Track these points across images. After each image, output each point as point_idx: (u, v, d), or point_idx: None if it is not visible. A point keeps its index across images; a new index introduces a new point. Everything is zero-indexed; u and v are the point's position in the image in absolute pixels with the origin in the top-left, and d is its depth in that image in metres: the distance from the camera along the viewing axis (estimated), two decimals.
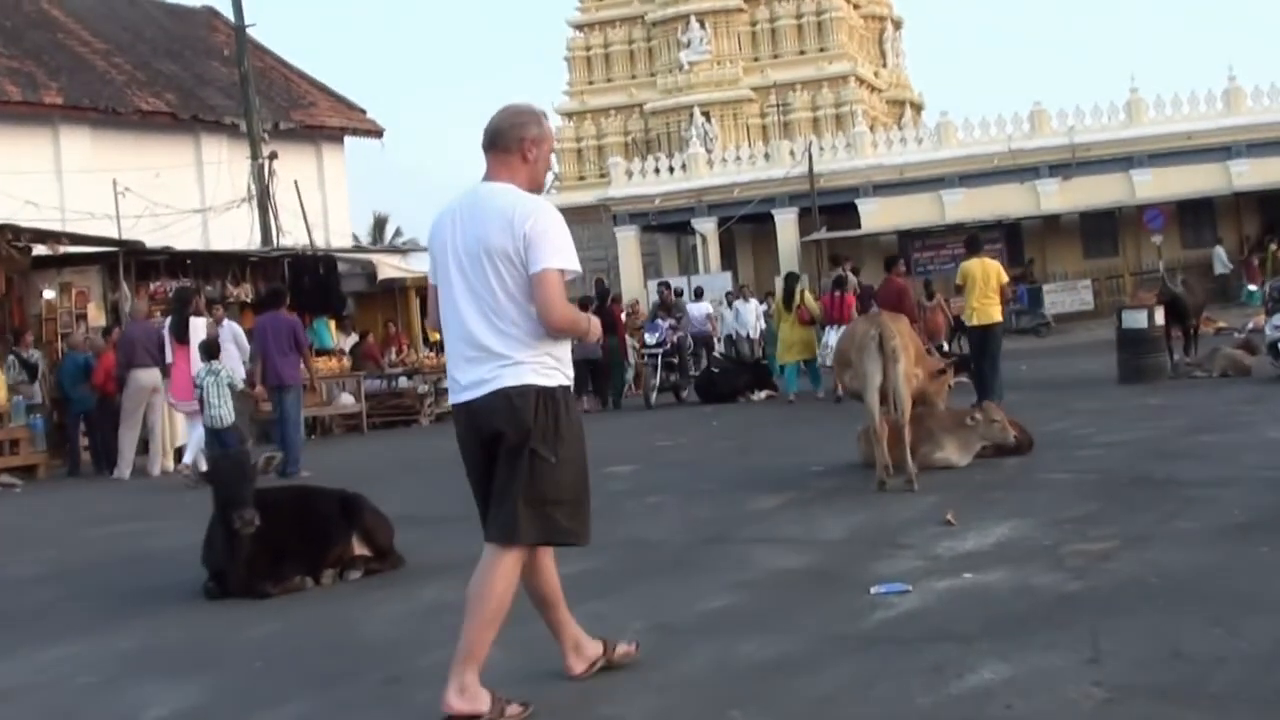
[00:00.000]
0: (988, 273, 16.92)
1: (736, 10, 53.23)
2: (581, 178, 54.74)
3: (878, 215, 45.28)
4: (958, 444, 10.98)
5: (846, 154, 46.14)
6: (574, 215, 54.31)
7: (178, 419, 16.48)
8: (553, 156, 5.42)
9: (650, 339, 23.15)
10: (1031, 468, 10.68)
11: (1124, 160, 42.46)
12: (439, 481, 13.66)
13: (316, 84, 35.12)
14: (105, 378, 16.94)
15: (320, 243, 31.60)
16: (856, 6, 55.71)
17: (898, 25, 58.89)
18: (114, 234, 26.15)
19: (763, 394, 21.74)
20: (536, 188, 5.06)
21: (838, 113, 50.90)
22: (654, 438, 16.47)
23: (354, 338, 25.01)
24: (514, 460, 4.83)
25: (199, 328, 16.35)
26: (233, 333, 16.44)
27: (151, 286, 22.08)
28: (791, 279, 22.82)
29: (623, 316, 28.39)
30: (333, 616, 7.03)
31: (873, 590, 6.60)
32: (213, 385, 14.39)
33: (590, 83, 55.74)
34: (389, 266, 25.12)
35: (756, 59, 53.61)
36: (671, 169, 48.60)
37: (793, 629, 6.03)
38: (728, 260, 48.59)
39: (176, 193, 29.53)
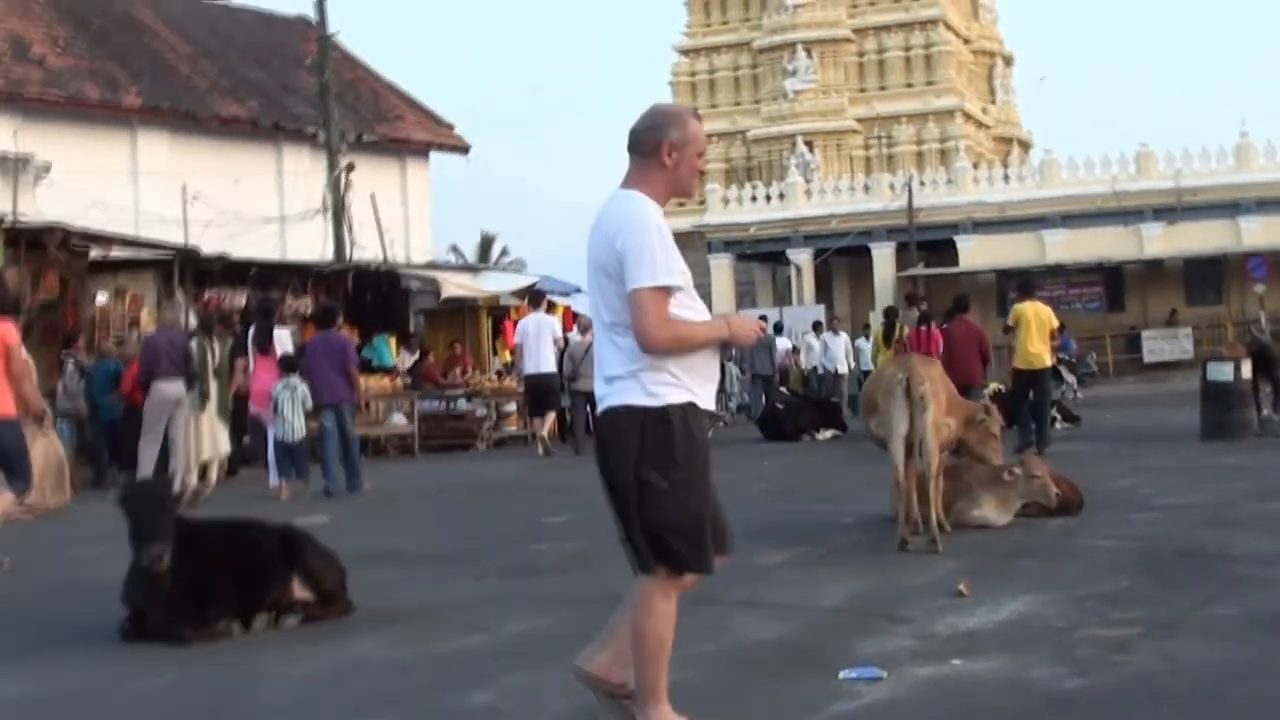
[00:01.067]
0: (1040, 316, 16.63)
1: (844, 40, 52.41)
2: (681, 204, 53.93)
3: (976, 253, 44.17)
4: (996, 501, 10.09)
5: (947, 189, 45.12)
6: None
7: (203, 434, 15.96)
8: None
9: None
10: (1074, 531, 9.76)
11: (1231, 206, 41.09)
12: (452, 513, 13.10)
13: (405, 97, 34.72)
14: (132, 386, 16.47)
15: (400, 258, 31.24)
16: (967, 41, 54.64)
17: (1008, 62, 57.69)
18: (181, 240, 25.94)
19: (828, 433, 20.85)
20: (682, 193, 4.89)
21: (942, 147, 49.85)
22: None
23: (415, 356, 24.45)
24: (625, 485, 4.61)
25: (283, 339, 16.67)
26: (279, 340, 16.69)
27: (206, 294, 21.69)
28: (892, 313, 22.36)
29: None
30: (238, 670, 6.31)
31: (841, 675, 5.78)
32: (288, 400, 15.02)
33: (694, 108, 54.97)
34: (454, 285, 24.51)
35: (862, 90, 52.73)
36: (769, 198, 47.86)
37: (733, 717, 5.24)
38: (823, 293, 47.67)
39: (255, 201, 29.19)
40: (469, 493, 15.19)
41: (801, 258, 47.12)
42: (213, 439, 16.12)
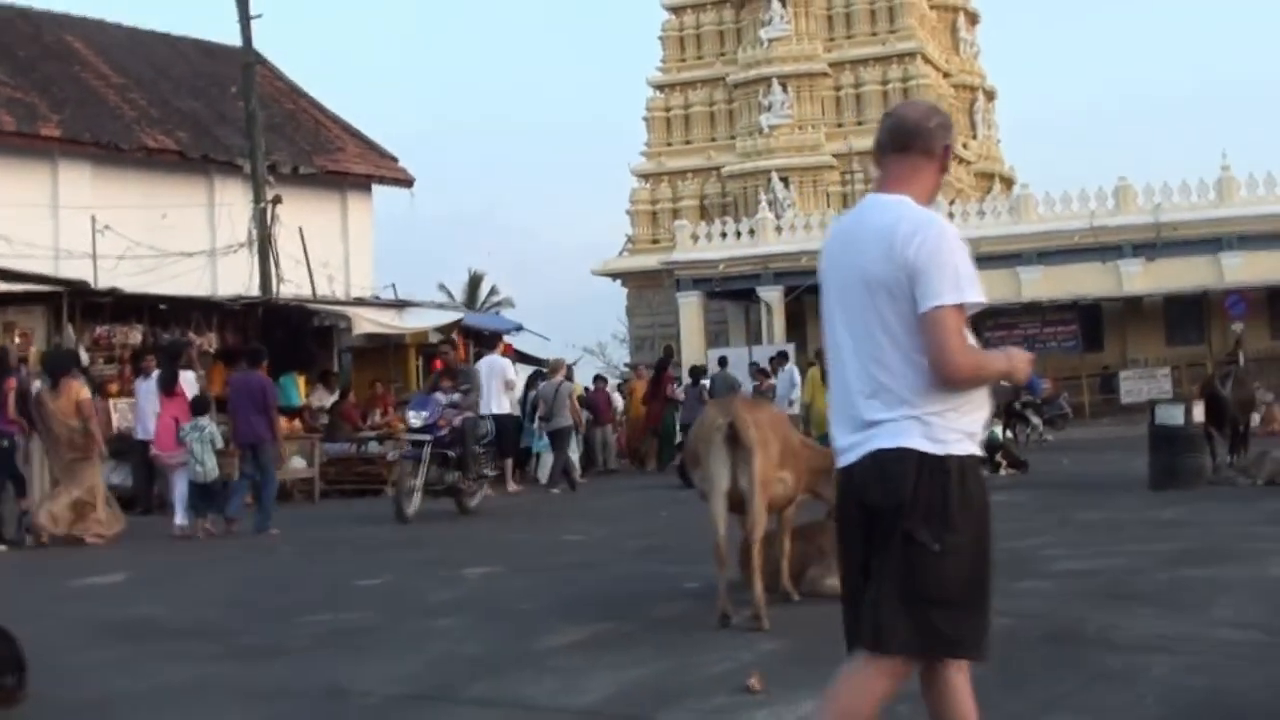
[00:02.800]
0: None
1: (820, 74, 51.15)
2: (655, 240, 52.67)
3: None
4: None
5: None
6: (642, 280, 52.83)
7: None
8: (627, 218, 3.65)
9: (414, 420, 16.54)
10: None
11: (1213, 242, 39.58)
12: (264, 571, 11.60)
13: (349, 129, 33.46)
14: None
15: (340, 293, 30.01)
16: (946, 75, 53.39)
17: (990, 96, 56.40)
18: (90, 275, 24.69)
19: None
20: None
21: None
22: (571, 528, 14.30)
23: (335, 396, 23.11)
24: (887, 544, 3.84)
25: (189, 381, 16.25)
26: (186, 382, 16.29)
27: (97, 330, 20.39)
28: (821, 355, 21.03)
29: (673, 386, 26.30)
30: None
31: None
32: (197, 441, 15.03)
33: (669, 144, 53.84)
34: (368, 321, 23.16)
35: (839, 125, 51.39)
36: (739, 234, 46.52)
37: None
38: (796, 331, 46.18)
39: (186, 235, 27.98)
40: (309, 546, 13.77)
41: (771, 295, 45.71)
42: None
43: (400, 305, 25.24)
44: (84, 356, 19.92)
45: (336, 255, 31.61)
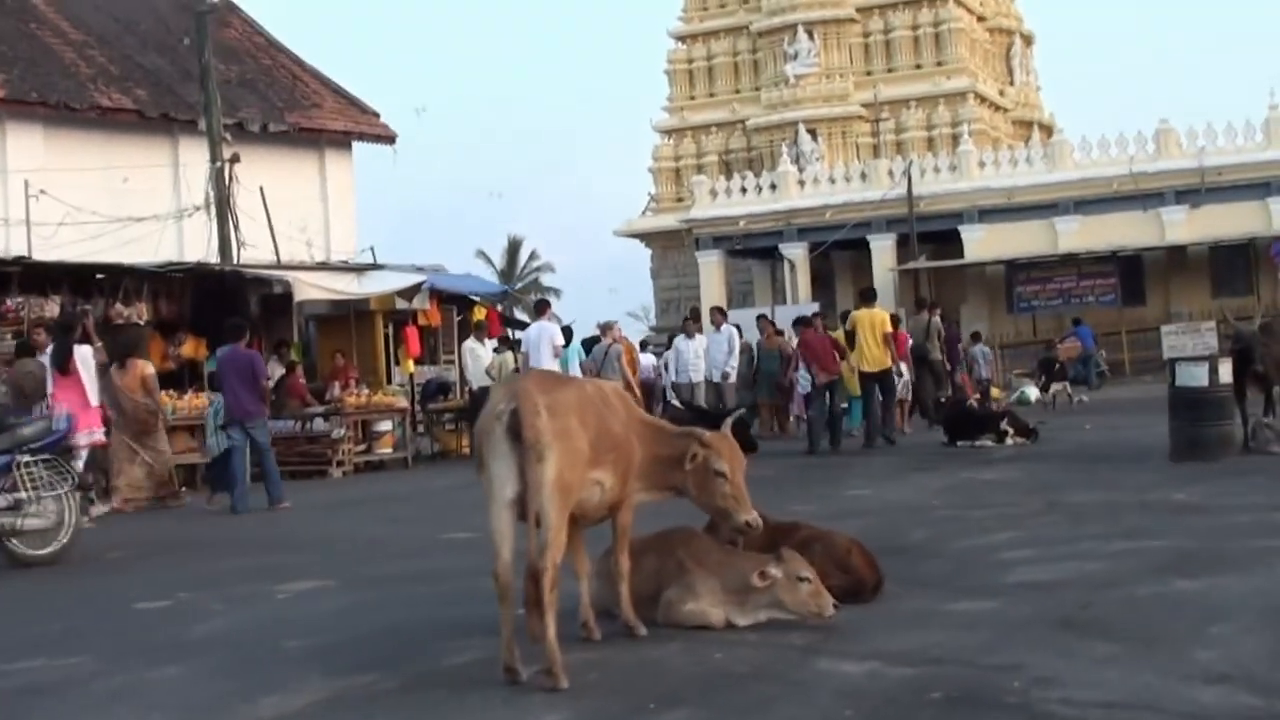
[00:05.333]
0: (875, 321, 18.54)
1: (848, 20, 48.74)
2: (680, 199, 50.42)
3: (983, 243, 40.51)
4: (724, 591, 6.64)
5: (950, 175, 41.47)
6: (666, 240, 50.68)
7: None
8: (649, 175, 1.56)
9: None
10: (825, 642, 6.28)
11: (1261, 186, 37.05)
12: (44, 594, 9.61)
13: (330, 85, 31.42)
14: None
15: (320, 256, 28.14)
16: (981, 19, 50.80)
17: (1028, 41, 53.71)
18: (16, 244, 22.90)
19: None
20: None
21: (954, 132, 45.95)
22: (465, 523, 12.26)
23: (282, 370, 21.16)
24: None
25: (85, 357, 14.66)
26: (81, 359, 14.77)
27: (8, 303, 18.52)
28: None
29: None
30: None
31: None
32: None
33: (691, 97, 51.62)
34: (311, 287, 21.15)
35: (868, 73, 48.98)
36: (760, 189, 44.29)
37: None
38: (822, 289, 43.98)
39: (146, 199, 26.09)
40: (147, 549, 11.79)
41: (795, 252, 43.52)
42: None
43: (357, 269, 23.21)
44: None
45: (317, 216, 29.74)
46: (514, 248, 73.51)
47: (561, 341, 19.90)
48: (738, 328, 22.95)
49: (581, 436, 5.91)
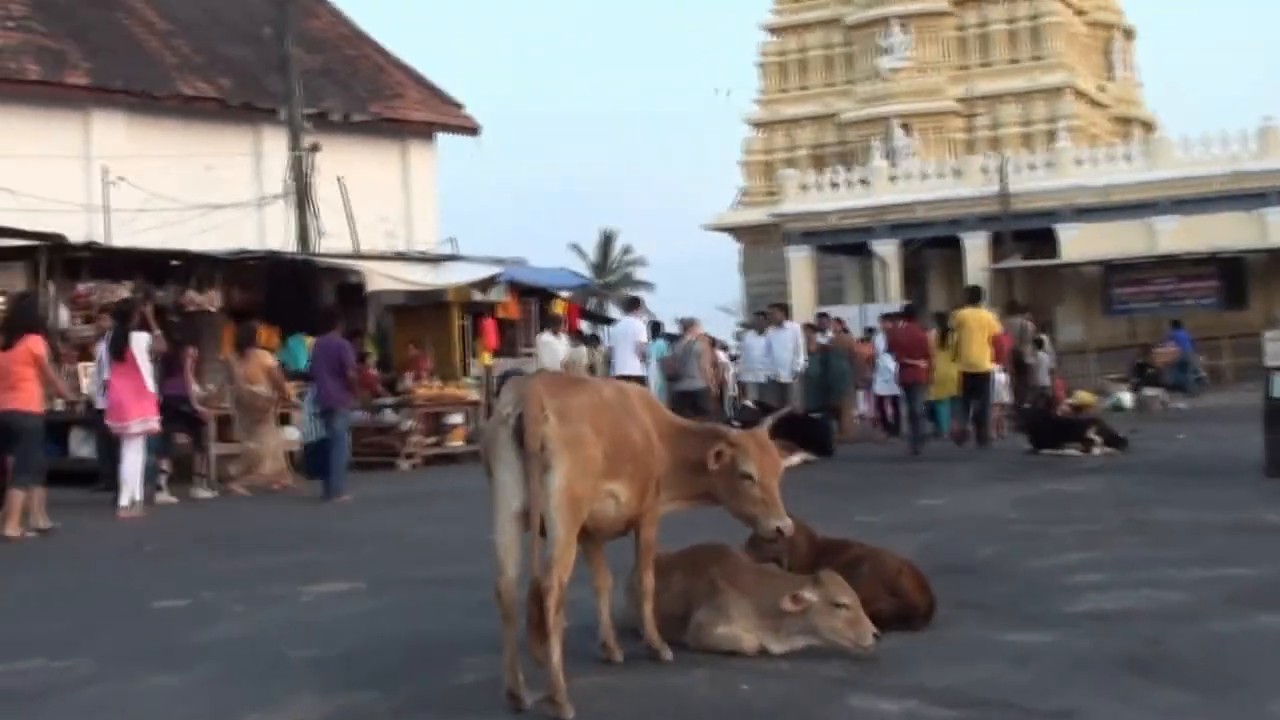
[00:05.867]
0: (981, 322, 18.03)
1: (943, 13, 47.78)
2: (770, 193, 49.72)
3: (1078, 243, 39.51)
4: (758, 615, 6.15)
5: (1045, 172, 40.48)
6: (755, 235, 50.03)
7: None
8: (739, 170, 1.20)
9: None
10: (865, 675, 5.78)
11: None
12: (71, 582, 9.24)
13: (414, 75, 31.18)
14: None
15: (401, 247, 27.88)
16: (1080, 13, 49.62)
17: (1129, 35, 52.40)
18: (98, 229, 22.85)
19: (796, 459, 16.63)
20: None
21: (1050, 129, 44.88)
22: None
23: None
24: None
25: (140, 343, 14.45)
26: (138, 346, 14.47)
27: (77, 288, 18.40)
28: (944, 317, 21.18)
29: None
30: None
31: None
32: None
33: (783, 90, 50.90)
34: (383, 277, 20.82)
35: (963, 67, 47.96)
36: (851, 184, 43.54)
37: None
38: (914, 287, 43.16)
39: (229, 187, 26.02)
40: (189, 542, 11.45)
41: (886, 249, 42.75)
42: None
43: (433, 260, 22.91)
44: (64, 316, 18.09)
45: (398, 207, 29.51)
46: (607, 241, 73.21)
47: (645, 339, 19.66)
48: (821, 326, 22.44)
49: (594, 444, 5.45)
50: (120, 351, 14.42)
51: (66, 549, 11.49)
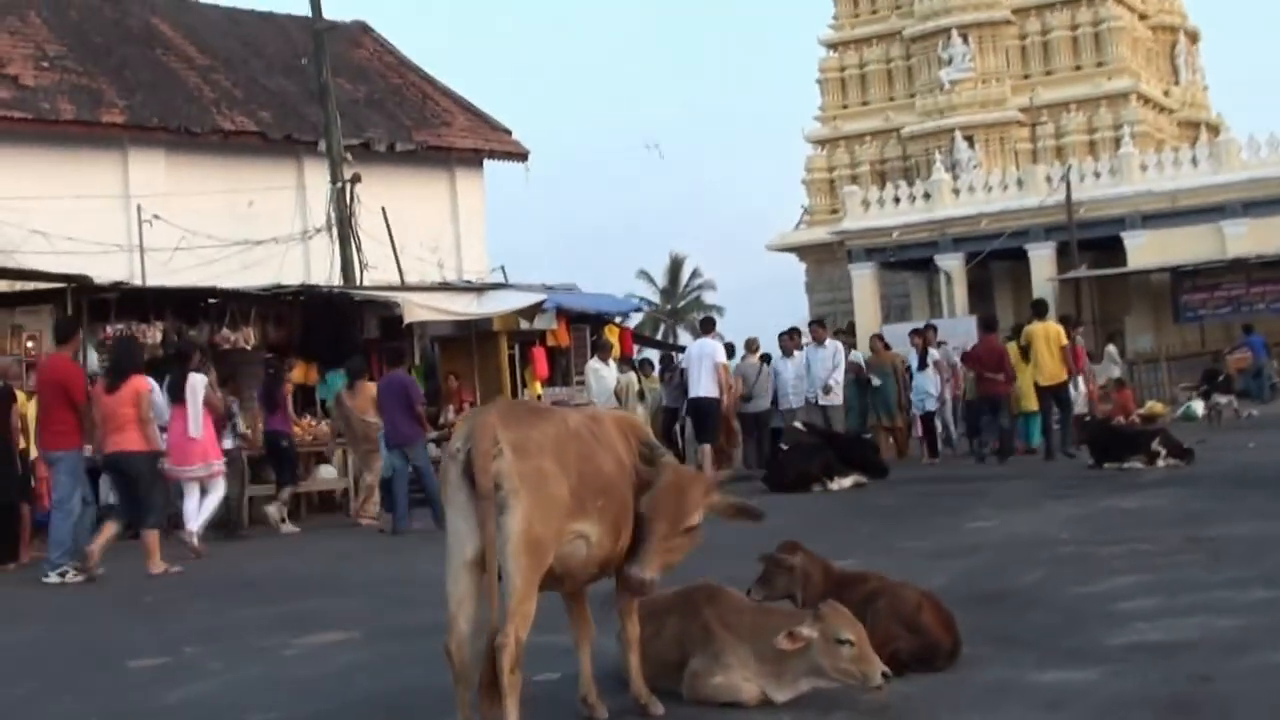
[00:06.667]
0: (1050, 335, 18.16)
1: (1003, 23, 47.00)
2: (833, 211, 49.05)
3: (1146, 250, 38.49)
4: (759, 664, 5.55)
5: (1110, 179, 39.55)
6: (820, 253, 49.33)
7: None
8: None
9: None
10: None
11: None
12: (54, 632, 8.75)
13: (461, 102, 30.83)
14: None
15: (451, 277, 27.52)
16: (1143, 17, 48.66)
17: (1193, 38, 51.37)
18: (138, 269, 22.61)
19: (847, 480, 16.05)
20: None
21: (1116, 135, 43.93)
22: None
23: None
24: None
25: (196, 385, 14.44)
26: (191, 388, 14.45)
27: (105, 330, 18.09)
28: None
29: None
30: None
31: None
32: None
33: (844, 106, 50.26)
34: (421, 308, 20.34)
35: (1026, 76, 47.16)
36: (913, 198, 42.80)
37: None
38: (981, 301, 42.29)
39: (272, 222, 25.69)
40: (198, 590, 10.93)
41: (951, 263, 41.92)
42: None
43: (478, 289, 22.47)
44: (93, 359, 17.76)
45: (448, 236, 29.14)
46: (676, 266, 72.77)
47: (723, 359, 19.39)
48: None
49: (558, 481, 4.89)
50: (179, 395, 14.31)
51: (65, 600, 11.09)
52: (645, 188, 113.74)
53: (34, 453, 14.45)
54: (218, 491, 14.45)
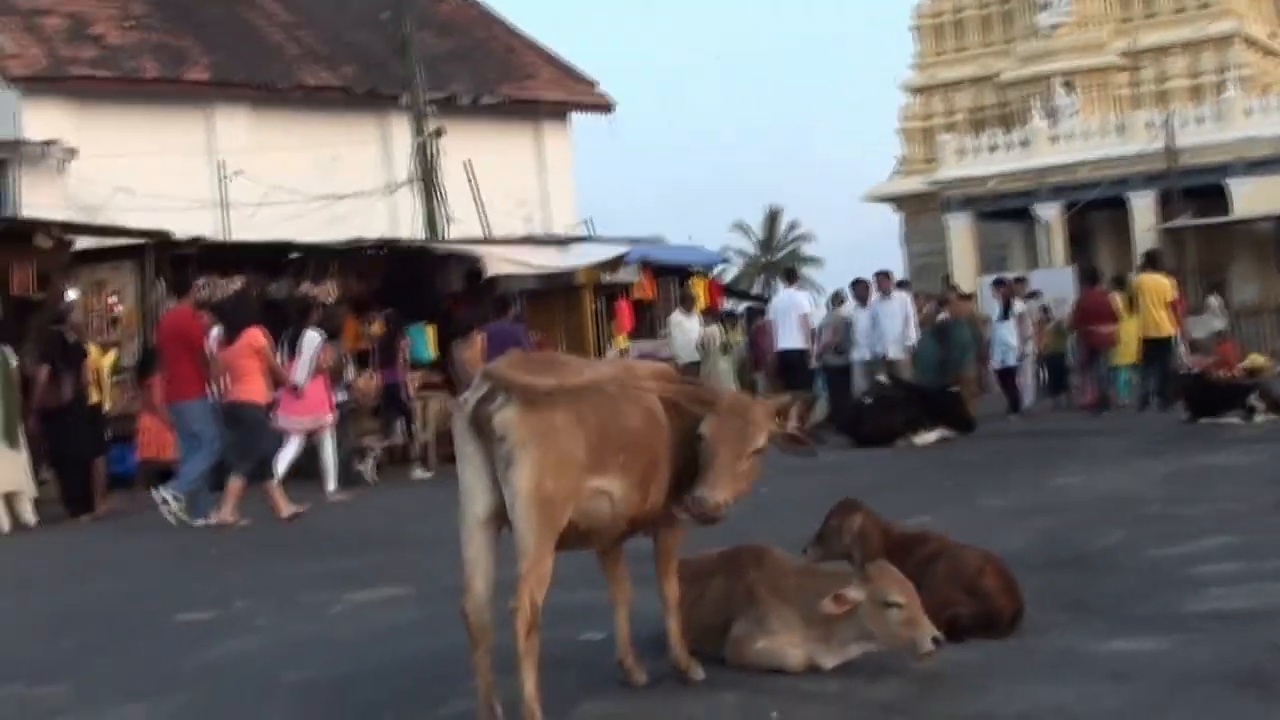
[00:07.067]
0: (1159, 287, 17.83)
1: None
2: (929, 160, 48.24)
3: (1252, 198, 37.47)
4: (806, 628, 5.29)
5: (1213, 125, 38.49)
6: (916, 204, 48.62)
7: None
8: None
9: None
10: (927, 698, 4.89)
11: None
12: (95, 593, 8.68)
13: (546, 55, 30.55)
14: None
15: (538, 231, 27.29)
16: None
17: None
18: (219, 225, 22.64)
19: (932, 435, 15.65)
20: None
21: (1220, 80, 42.76)
22: None
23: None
24: None
25: (312, 342, 14.84)
26: (308, 342, 14.86)
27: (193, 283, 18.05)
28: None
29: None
30: None
31: None
32: None
33: (940, 54, 49.32)
34: (502, 261, 20.14)
35: (1127, 20, 45.94)
36: (1010, 146, 41.97)
37: None
38: (1080, 251, 41.46)
39: (357, 176, 25.61)
40: (266, 545, 10.86)
41: (1049, 212, 41.09)
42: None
43: (561, 243, 22.25)
44: None
45: (533, 190, 28.91)
46: (773, 217, 72.14)
47: (809, 310, 19.17)
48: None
49: (571, 433, 4.63)
50: (295, 349, 14.66)
51: (132, 551, 11.08)
52: (743, 142, 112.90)
53: (107, 405, 14.52)
54: (328, 445, 14.66)
